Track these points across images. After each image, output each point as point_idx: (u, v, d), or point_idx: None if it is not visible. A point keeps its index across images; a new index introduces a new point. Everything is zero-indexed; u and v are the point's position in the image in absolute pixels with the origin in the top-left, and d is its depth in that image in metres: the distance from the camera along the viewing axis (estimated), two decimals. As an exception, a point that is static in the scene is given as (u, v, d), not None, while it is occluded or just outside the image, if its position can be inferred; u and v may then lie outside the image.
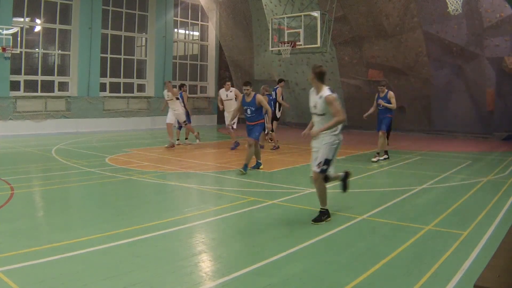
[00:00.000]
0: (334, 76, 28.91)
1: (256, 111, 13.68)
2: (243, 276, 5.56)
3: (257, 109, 13.66)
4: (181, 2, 33.90)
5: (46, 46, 27.01)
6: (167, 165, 14.54)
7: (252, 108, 13.64)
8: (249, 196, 10.01)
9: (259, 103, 13.66)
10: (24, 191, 10.33)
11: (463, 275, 5.59)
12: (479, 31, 23.01)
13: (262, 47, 33.32)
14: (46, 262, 5.88)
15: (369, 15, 25.76)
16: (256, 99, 13.70)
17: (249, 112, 13.69)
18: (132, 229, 7.38)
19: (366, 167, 14.51)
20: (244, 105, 13.78)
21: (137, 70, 31.58)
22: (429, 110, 26.49)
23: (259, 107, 13.68)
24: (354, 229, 7.71)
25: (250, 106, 13.68)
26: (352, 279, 5.45)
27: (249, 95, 13.74)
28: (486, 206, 9.39)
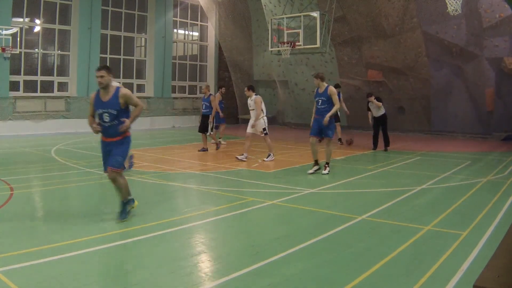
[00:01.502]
0: (334, 77, 28.93)
1: None
2: (243, 276, 5.56)
3: None
4: (180, 3, 33.91)
5: (45, 46, 27.02)
6: (166, 165, 14.54)
7: None
8: (249, 197, 10.02)
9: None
10: (24, 192, 10.33)
11: (462, 275, 5.60)
12: (479, 31, 23.02)
13: (261, 48, 33.36)
14: (45, 262, 5.88)
15: (368, 15, 25.77)
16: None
17: None
18: (131, 229, 7.38)
19: (366, 168, 14.51)
20: None
21: (137, 70, 31.60)
22: (428, 110, 26.51)
23: None
24: (354, 230, 7.71)
25: None
26: (352, 279, 5.45)
27: None
28: (486, 206, 9.39)
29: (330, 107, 13.04)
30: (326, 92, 13.11)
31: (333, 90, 13.10)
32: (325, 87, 13.21)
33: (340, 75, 28.94)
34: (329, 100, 13.07)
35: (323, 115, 13.03)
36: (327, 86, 13.22)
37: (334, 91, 13.12)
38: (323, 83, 13.29)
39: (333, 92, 13.04)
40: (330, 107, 13.04)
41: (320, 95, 13.22)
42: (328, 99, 13.06)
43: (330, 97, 13.04)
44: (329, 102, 13.04)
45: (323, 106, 13.15)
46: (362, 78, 28.19)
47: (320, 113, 13.18)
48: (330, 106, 13.01)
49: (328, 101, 13.07)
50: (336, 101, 13.08)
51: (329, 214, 8.74)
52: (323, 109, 13.11)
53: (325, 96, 13.10)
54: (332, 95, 13.01)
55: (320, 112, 13.19)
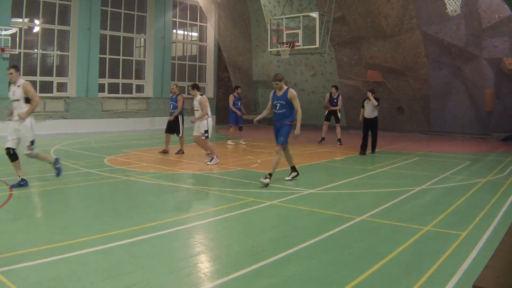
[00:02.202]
0: (333, 77, 28.96)
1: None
2: (242, 277, 5.56)
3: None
4: (179, 3, 33.90)
5: (44, 46, 27.01)
6: (165, 165, 14.54)
7: None
8: (248, 197, 10.01)
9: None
10: (23, 192, 10.32)
11: (462, 276, 5.60)
12: (478, 32, 23.04)
13: (260, 48, 33.36)
14: (44, 262, 5.87)
15: (367, 16, 25.78)
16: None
17: None
18: (131, 229, 7.38)
19: (366, 168, 14.51)
20: None
21: (136, 70, 31.58)
22: (428, 110, 26.53)
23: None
24: (353, 230, 7.71)
25: None
26: (351, 279, 5.45)
27: None
28: (485, 206, 9.40)
29: (289, 112, 11.86)
30: (286, 95, 11.82)
31: (294, 93, 11.86)
32: (284, 90, 11.92)
33: (339, 76, 28.96)
34: (288, 104, 11.82)
35: (281, 120, 11.96)
36: (287, 89, 11.94)
37: (295, 94, 11.86)
38: (283, 85, 12.01)
39: (294, 95, 11.80)
40: (289, 112, 11.86)
41: (278, 98, 11.95)
42: (288, 103, 11.80)
43: (290, 100, 11.78)
44: (289, 107, 11.82)
45: (281, 110, 11.91)
46: (361, 78, 28.21)
47: (278, 119, 12.05)
48: (290, 110, 11.86)
49: (288, 105, 11.82)
50: (298, 106, 11.81)
51: (328, 215, 8.74)
52: (282, 114, 11.93)
53: (284, 99, 11.83)
54: (293, 99, 11.78)
55: (278, 118, 12.04)
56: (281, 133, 11.94)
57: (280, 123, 12.01)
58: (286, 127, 11.94)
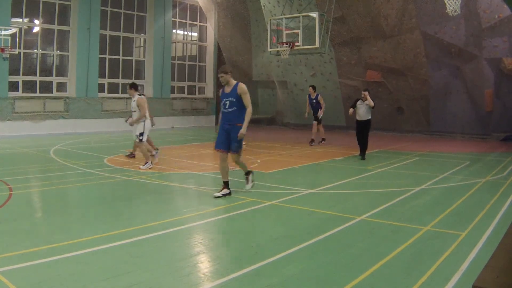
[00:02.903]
0: (333, 77, 28.97)
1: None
2: (242, 277, 5.56)
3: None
4: (179, 3, 33.95)
5: (44, 46, 27.05)
6: (165, 165, 14.54)
7: None
8: (248, 197, 10.02)
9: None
10: (23, 192, 10.33)
11: (461, 276, 5.60)
12: (478, 32, 23.03)
13: (260, 48, 33.36)
14: (44, 262, 5.87)
15: (367, 16, 25.80)
16: None
17: None
18: (130, 229, 7.38)
19: (366, 168, 14.51)
20: None
21: (136, 70, 31.63)
22: (427, 110, 26.54)
23: None
24: (353, 230, 7.71)
25: None
26: (351, 279, 5.45)
27: None
28: (485, 206, 9.41)
29: (239, 111, 10.21)
30: (235, 91, 10.18)
31: (244, 88, 10.21)
32: (233, 85, 10.26)
33: (339, 76, 28.96)
34: (239, 102, 10.18)
35: (231, 121, 10.25)
36: (237, 84, 10.25)
37: (245, 89, 10.22)
38: (231, 80, 10.32)
39: (244, 90, 10.17)
40: (241, 111, 10.21)
41: (227, 96, 10.29)
42: (238, 100, 10.18)
43: (240, 97, 10.17)
44: (239, 105, 10.20)
45: (230, 109, 10.23)
46: (361, 78, 28.20)
47: (228, 119, 10.34)
48: (241, 109, 10.21)
49: (238, 103, 10.19)
50: (248, 103, 10.21)
51: (328, 215, 8.74)
52: (232, 114, 10.24)
53: (234, 96, 10.18)
54: (243, 95, 10.15)
55: (227, 118, 10.34)
56: (234, 138, 10.21)
57: (231, 125, 10.27)
58: (238, 129, 10.13)
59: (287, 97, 32.84)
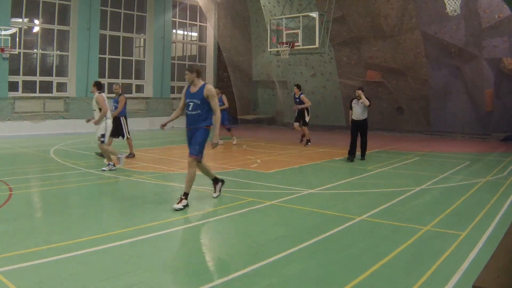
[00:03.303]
0: (333, 77, 28.97)
1: None
2: (242, 277, 5.56)
3: None
4: (179, 3, 33.95)
5: (44, 46, 27.05)
6: (165, 165, 14.54)
7: None
8: (248, 197, 10.01)
9: None
10: (23, 192, 10.33)
11: (461, 276, 5.60)
12: (478, 32, 23.05)
13: (260, 48, 33.39)
14: (44, 262, 5.87)
15: (367, 16, 25.82)
16: None
17: None
18: (130, 229, 7.37)
19: (366, 168, 14.51)
20: None
21: (136, 70, 31.63)
22: (427, 110, 26.54)
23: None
24: (353, 230, 7.71)
25: None
26: (351, 279, 5.45)
27: None
28: (485, 206, 9.40)
29: (205, 114, 9.43)
30: (201, 92, 9.34)
31: (212, 91, 9.42)
32: (200, 86, 9.42)
33: (339, 76, 28.96)
34: (204, 104, 9.36)
35: (194, 124, 9.48)
36: (204, 85, 9.43)
37: (213, 91, 9.46)
38: (198, 80, 9.48)
39: (212, 93, 9.36)
40: (206, 113, 9.43)
41: (192, 96, 9.45)
42: (204, 103, 9.35)
43: (206, 100, 9.34)
44: (205, 107, 9.38)
45: (195, 111, 9.40)
46: (361, 78, 28.19)
47: (192, 122, 9.54)
48: (206, 112, 9.43)
49: (204, 105, 9.36)
50: (216, 106, 9.43)
51: (328, 215, 8.74)
52: (196, 116, 9.43)
53: (199, 97, 9.34)
54: (210, 98, 9.33)
55: (192, 121, 9.54)
56: (195, 141, 9.45)
57: (193, 128, 9.52)
58: (201, 132, 9.43)
59: (287, 97, 32.81)
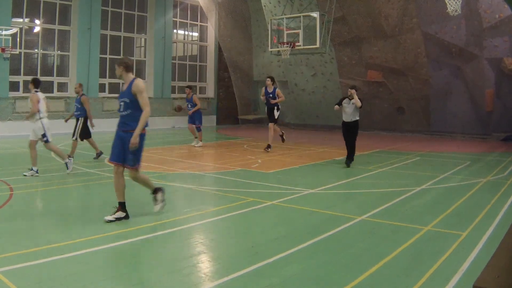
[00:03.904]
0: (333, 77, 28.96)
1: None
2: (242, 277, 5.56)
3: None
4: (180, 3, 33.93)
5: (45, 46, 27.03)
6: (166, 165, 14.53)
7: None
8: (248, 197, 10.01)
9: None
10: (23, 192, 10.33)
11: (462, 276, 5.60)
12: (478, 31, 23.05)
13: (261, 48, 33.40)
14: (44, 262, 5.87)
15: (368, 16, 25.81)
16: None
17: None
18: (131, 229, 7.38)
19: (366, 168, 14.50)
20: None
21: (137, 70, 31.56)
22: (428, 110, 26.54)
23: None
24: (353, 230, 7.71)
25: None
26: (351, 279, 5.45)
27: None
28: (485, 206, 9.40)
29: (136, 115, 7.95)
30: (130, 89, 7.94)
31: (140, 85, 7.92)
32: (129, 82, 8.04)
33: (340, 76, 28.95)
34: (133, 103, 7.94)
35: (126, 127, 8.09)
36: (133, 80, 8.01)
37: (142, 87, 7.94)
38: (127, 75, 8.14)
39: (140, 89, 7.90)
40: (137, 114, 7.95)
41: (122, 95, 8.13)
42: (133, 101, 7.95)
43: (135, 97, 7.93)
44: (134, 107, 7.96)
45: (125, 112, 8.06)
46: (362, 78, 28.18)
47: (123, 124, 8.18)
48: (137, 112, 7.96)
49: (133, 105, 7.95)
50: (145, 104, 7.91)
51: (328, 215, 8.74)
52: (127, 118, 8.07)
53: (128, 95, 7.97)
54: (138, 95, 7.89)
55: (122, 123, 8.20)
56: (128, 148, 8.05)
57: (125, 131, 8.12)
58: None
59: (288, 97, 32.78)
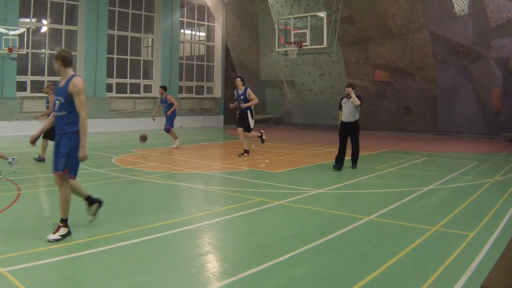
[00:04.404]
0: (341, 77, 28.93)
1: None
2: (250, 277, 5.56)
3: None
4: (187, 3, 33.96)
5: (52, 46, 27.06)
6: (173, 165, 14.56)
7: None
8: (256, 197, 10.01)
9: None
10: (31, 192, 10.36)
11: (469, 276, 5.58)
12: (486, 31, 23.00)
13: (268, 48, 33.41)
14: (52, 262, 5.90)
15: (375, 15, 25.78)
16: None
17: None
18: (138, 229, 7.39)
19: (374, 168, 14.48)
20: None
21: (144, 70, 31.66)
22: (435, 110, 26.50)
23: None
24: (361, 230, 7.70)
25: None
26: (359, 280, 5.44)
27: None
28: (493, 207, 9.37)
29: (73, 115, 7.05)
30: (66, 88, 7.00)
31: (78, 85, 6.96)
32: (67, 79, 7.08)
33: (347, 76, 28.90)
34: (69, 104, 7.01)
35: (60, 129, 7.14)
36: (71, 77, 7.05)
37: (80, 87, 6.96)
38: (66, 71, 7.17)
39: (77, 89, 6.94)
40: (74, 115, 7.05)
41: (58, 93, 7.20)
42: (68, 102, 7.02)
43: (72, 97, 6.99)
44: (69, 108, 7.03)
45: (60, 112, 7.10)
46: (369, 78, 28.16)
47: (58, 126, 7.19)
48: (73, 113, 7.06)
49: (68, 105, 7.03)
50: (81, 108, 6.97)
51: (336, 215, 8.74)
52: (62, 119, 7.10)
53: (64, 94, 7.04)
54: (75, 95, 6.95)
55: (58, 125, 7.19)
56: (61, 151, 7.10)
57: (60, 134, 7.18)
58: (66, 140, 7.08)
59: (295, 97, 32.83)
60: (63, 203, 7.13)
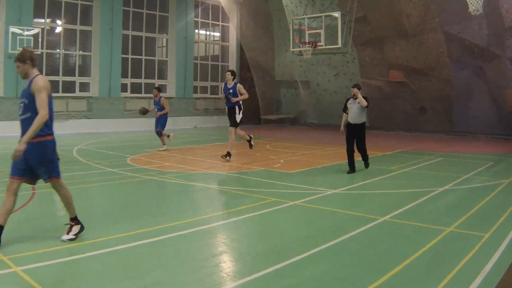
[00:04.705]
0: (355, 77, 28.86)
1: None
2: (264, 277, 5.57)
3: None
4: (201, 3, 34.02)
5: (67, 47, 27.24)
6: (188, 165, 14.58)
7: None
8: (270, 197, 10.01)
9: None
10: (46, 191, 10.39)
11: (484, 278, 5.55)
12: (500, 31, 22.89)
13: (283, 48, 33.41)
14: (67, 261, 5.94)
15: (389, 15, 25.70)
16: None
17: None
18: (153, 229, 7.41)
19: (388, 168, 14.45)
20: None
21: (158, 70, 31.74)
22: (450, 111, 26.39)
23: None
24: (375, 230, 7.68)
25: None
26: (373, 280, 5.43)
27: None
28: (508, 208, 9.31)
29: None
30: (29, 88, 6.56)
31: (40, 83, 6.48)
32: (31, 77, 6.64)
33: (361, 76, 28.86)
34: (32, 105, 6.48)
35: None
36: (34, 77, 6.60)
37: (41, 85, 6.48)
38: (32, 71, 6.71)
39: (38, 87, 6.47)
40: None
41: (22, 94, 6.73)
42: (32, 103, 6.51)
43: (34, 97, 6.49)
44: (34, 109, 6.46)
45: (24, 115, 6.60)
46: (384, 78, 28.09)
47: (23, 130, 6.58)
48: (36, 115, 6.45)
49: (32, 106, 6.49)
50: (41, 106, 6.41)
51: (350, 215, 8.73)
52: (27, 122, 6.52)
53: (27, 95, 6.58)
54: (36, 93, 6.46)
55: (25, 130, 6.52)
56: (35, 159, 6.75)
57: None
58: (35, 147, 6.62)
59: (310, 97, 32.82)
60: (66, 203, 7.19)
